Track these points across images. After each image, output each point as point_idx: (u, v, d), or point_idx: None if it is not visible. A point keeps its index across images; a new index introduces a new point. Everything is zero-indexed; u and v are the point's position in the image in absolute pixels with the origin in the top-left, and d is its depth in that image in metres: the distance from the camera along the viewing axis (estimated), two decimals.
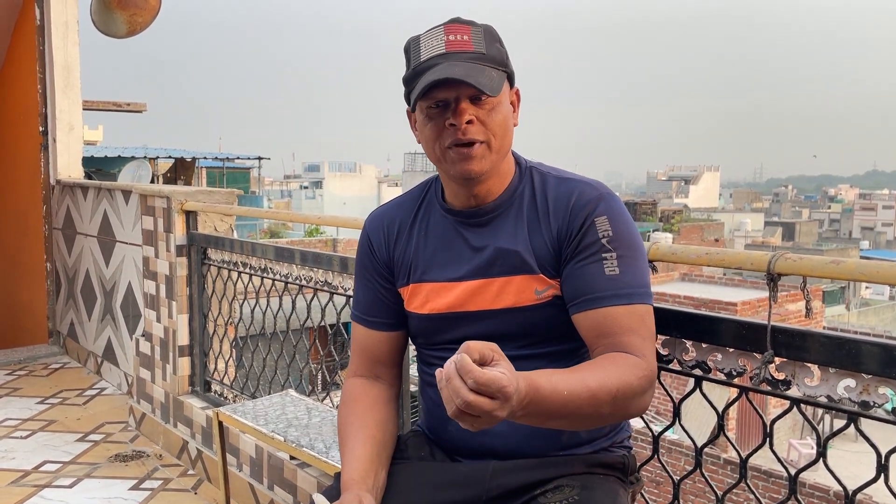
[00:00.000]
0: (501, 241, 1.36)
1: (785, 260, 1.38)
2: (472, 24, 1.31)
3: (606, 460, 1.40)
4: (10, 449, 3.48)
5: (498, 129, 1.31)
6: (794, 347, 1.35)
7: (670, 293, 16.04)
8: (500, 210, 1.38)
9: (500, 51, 1.32)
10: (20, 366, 4.86)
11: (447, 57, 1.27)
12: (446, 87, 1.26)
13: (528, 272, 1.34)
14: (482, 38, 1.30)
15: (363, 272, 1.50)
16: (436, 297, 1.40)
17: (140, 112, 10.91)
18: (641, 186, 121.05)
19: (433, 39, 1.29)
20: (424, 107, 1.31)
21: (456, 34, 1.29)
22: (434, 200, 1.45)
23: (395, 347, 1.50)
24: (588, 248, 1.30)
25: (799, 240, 47.39)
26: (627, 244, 1.31)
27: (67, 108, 5.08)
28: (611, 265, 1.29)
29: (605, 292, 1.28)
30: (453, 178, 1.35)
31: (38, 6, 5.04)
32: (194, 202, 3.43)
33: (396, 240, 1.46)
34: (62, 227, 5.12)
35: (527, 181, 1.40)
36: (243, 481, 2.88)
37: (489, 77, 1.27)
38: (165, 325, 3.54)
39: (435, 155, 1.33)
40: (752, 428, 14.90)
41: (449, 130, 1.29)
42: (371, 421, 1.40)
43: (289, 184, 60.91)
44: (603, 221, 1.31)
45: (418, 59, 1.30)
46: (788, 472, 1.42)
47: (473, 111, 1.28)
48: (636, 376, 1.23)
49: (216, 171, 25.23)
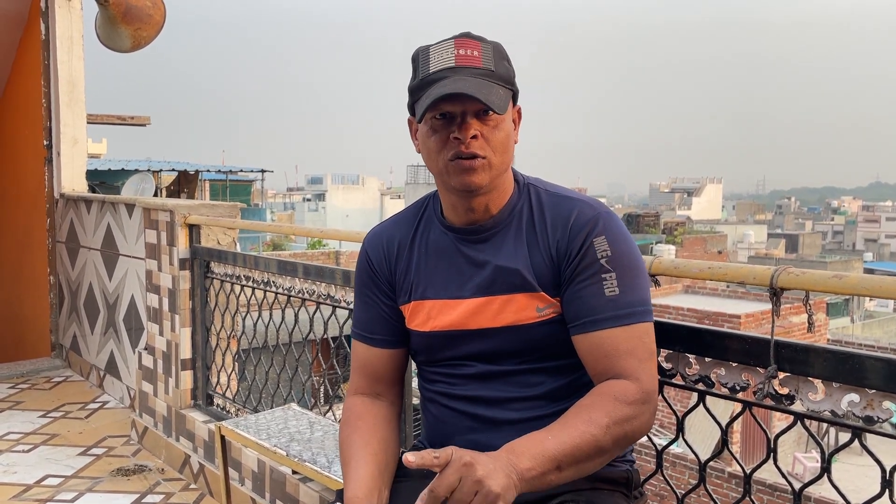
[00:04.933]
0: (502, 259, 1.36)
1: (788, 274, 1.38)
2: (483, 40, 1.32)
3: (611, 475, 1.39)
4: (13, 463, 3.48)
5: (500, 145, 1.31)
6: (797, 362, 1.34)
7: (673, 306, 16.02)
8: (499, 227, 1.38)
9: (507, 69, 1.33)
10: (23, 379, 4.86)
11: (456, 71, 1.27)
12: (454, 101, 1.27)
13: (530, 290, 1.34)
14: (491, 55, 1.30)
15: (363, 289, 1.50)
16: (438, 315, 1.40)
17: (143, 125, 10.95)
18: (644, 198, 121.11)
19: (443, 52, 1.30)
20: (429, 118, 1.31)
21: (466, 49, 1.29)
22: (433, 217, 1.45)
23: (396, 365, 1.49)
24: (587, 268, 1.30)
25: (802, 252, 47.32)
26: (627, 263, 1.31)
27: (72, 122, 5.10)
28: (610, 286, 1.29)
29: (603, 314, 1.28)
30: (453, 191, 1.35)
31: (44, 21, 5.08)
32: (197, 216, 3.44)
33: (397, 257, 1.46)
34: (66, 241, 5.13)
35: (525, 198, 1.40)
36: (245, 496, 2.87)
37: (497, 94, 1.27)
38: (168, 338, 3.54)
39: (437, 167, 1.33)
40: (756, 441, 14.83)
41: (452, 143, 1.29)
42: (373, 439, 1.39)
43: (292, 196, 61.05)
44: (601, 241, 1.31)
45: (427, 70, 1.30)
46: (793, 488, 1.41)
47: (478, 127, 1.29)
48: (626, 402, 1.23)
49: (219, 183, 25.30)
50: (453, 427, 1.41)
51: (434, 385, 1.43)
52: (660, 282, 1.63)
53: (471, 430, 1.37)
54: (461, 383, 1.41)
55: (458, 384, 1.41)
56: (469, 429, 1.38)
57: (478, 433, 1.37)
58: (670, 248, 29.53)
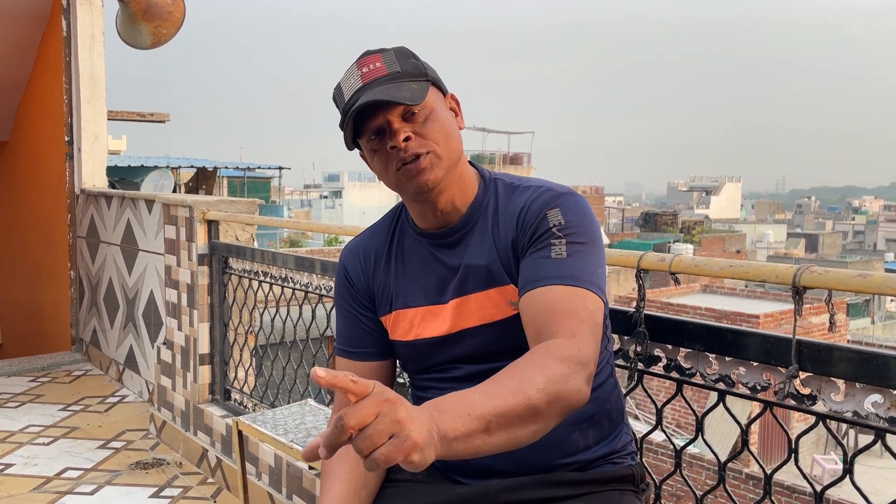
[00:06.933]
0: (471, 258, 1.35)
1: (811, 273, 1.36)
2: (383, 50, 1.32)
3: (618, 473, 1.37)
4: (33, 455, 3.52)
5: (439, 136, 1.30)
6: (820, 362, 1.33)
7: (691, 305, 15.90)
8: (468, 226, 1.37)
9: (415, 64, 1.32)
10: (43, 372, 4.91)
11: (364, 88, 1.27)
12: (373, 115, 1.27)
13: (501, 284, 1.32)
14: (394, 59, 1.30)
15: (342, 304, 1.48)
16: (420, 323, 1.38)
17: (163, 122, 11.05)
18: (662, 197, 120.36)
19: (350, 78, 1.30)
20: (365, 142, 1.31)
21: (368, 65, 1.29)
22: (406, 225, 1.44)
23: (380, 378, 1.45)
24: (539, 238, 1.27)
25: (822, 252, 46.81)
26: (580, 232, 1.27)
27: (93, 119, 5.15)
28: (558, 250, 1.25)
29: (547, 274, 1.23)
30: (414, 198, 1.34)
31: (65, 18, 5.13)
32: (216, 212, 3.46)
33: (374, 269, 1.44)
34: (86, 236, 5.18)
35: (491, 193, 1.38)
36: (262, 490, 2.88)
37: (409, 90, 1.27)
38: (186, 333, 3.57)
39: (391, 182, 1.32)
40: (774, 441, 14.70)
41: (392, 154, 1.28)
42: (350, 456, 1.33)
43: (309, 193, 61.25)
44: (556, 213, 1.28)
45: (343, 101, 1.30)
46: (814, 489, 1.39)
47: (409, 128, 1.28)
48: (560, 358, 1.11)
49: (237, 180, 25.41)
50: None
51: (427, 392, 1.41)
52: (679, 280, 1.61)
53: None
54: (452, 387, 1.37)
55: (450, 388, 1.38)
56: None
57: None
58: (688, 247, 29.32)
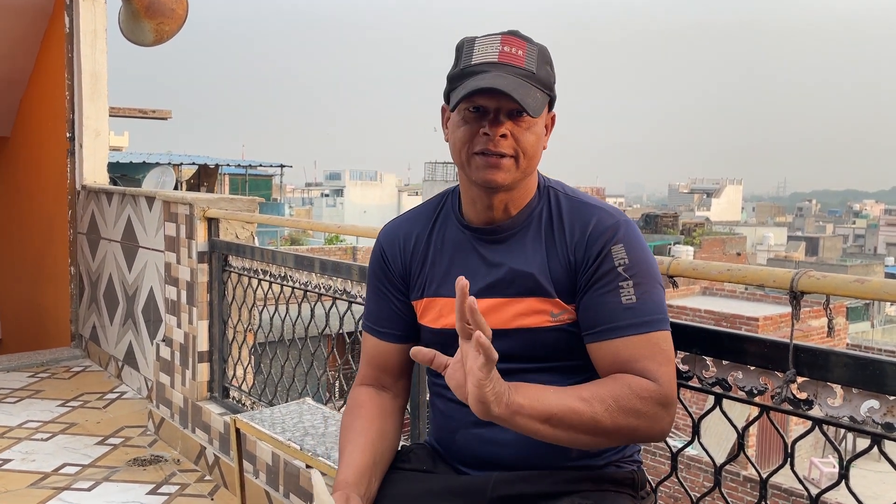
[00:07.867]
0: (517, 262, 1.35)
1: (808, 278, 1.37)
2: (529, 41, 1.31)
3: (616, 476, 1.39)
4: (31, 451, 3.52)
5: (529, 148, 1.31)
6: (817, 367, 1.33)
7: (691, 307, 15.89)
8: (516, 228, 1.38)
9: (549, 73, 1.32)
10: (42, 368, 4.92)
11: (498, 67, 1.27)
12: (490, 96, 1.26)
13: (545, 295, 1.34)
14: (535, 57, 1.30)
15: (376, 283, 1.50)
16: (449, 313, 1.39)
17: (165, 119, 11.04)
18: (663, 198, 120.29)
19: (488, 46, 1.29)
20: (463, 108, 1.30)
21: (511, 46, 1.29)
22: (451, 213, 1.45)
23: (404, 359, 1.49)
24: (604, 276, 1.30)
25: (822, 255, 46.79)
26: (644, 271, 1.30)
27: (94, 115, 5.15)
28: (627, 294, 1.29)
29: (622, 322, 1.28)
30: (474, 184, 1.34)
31: (68, 14, 5.13)
32: (216, 209, 3.46)
33: (412, 253, 1.46)
34: (86, 232, 5.18)
35: (545, 201, 1.39)
36: (259, 488, 2.89)
37: (534, 97, 1.27)
38: (186, 330, 3.57)
39: (460, 158, 1.33)
40: (772, 445, 14.70)
41: (481, 138, 1.29)
42: (373, 429, 1.41)
43: (310, 192, 61.25)
44: (619, 250, 1.30)
45: (469, 61, 1.29)
46: (809, 494, 1.39)
47: (510, 126, 1.28)
48: (639, 395, 1.23)
49: (239, 178, 25.42)
50: (459, 421, 1.41)
51: (441, 379, 1.44)
52: (678, 283, 1.61)
53: (476, 425, 1.37)
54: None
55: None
56: (475, 423, 1.38)
57: (483, 427, 1.36)
58: (688, 249, 29.29)
